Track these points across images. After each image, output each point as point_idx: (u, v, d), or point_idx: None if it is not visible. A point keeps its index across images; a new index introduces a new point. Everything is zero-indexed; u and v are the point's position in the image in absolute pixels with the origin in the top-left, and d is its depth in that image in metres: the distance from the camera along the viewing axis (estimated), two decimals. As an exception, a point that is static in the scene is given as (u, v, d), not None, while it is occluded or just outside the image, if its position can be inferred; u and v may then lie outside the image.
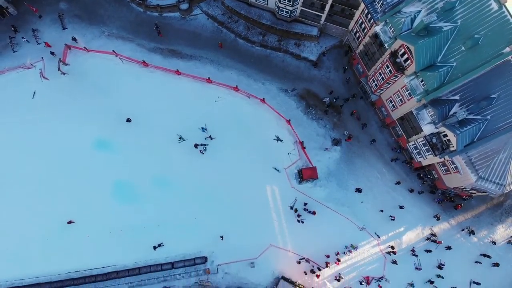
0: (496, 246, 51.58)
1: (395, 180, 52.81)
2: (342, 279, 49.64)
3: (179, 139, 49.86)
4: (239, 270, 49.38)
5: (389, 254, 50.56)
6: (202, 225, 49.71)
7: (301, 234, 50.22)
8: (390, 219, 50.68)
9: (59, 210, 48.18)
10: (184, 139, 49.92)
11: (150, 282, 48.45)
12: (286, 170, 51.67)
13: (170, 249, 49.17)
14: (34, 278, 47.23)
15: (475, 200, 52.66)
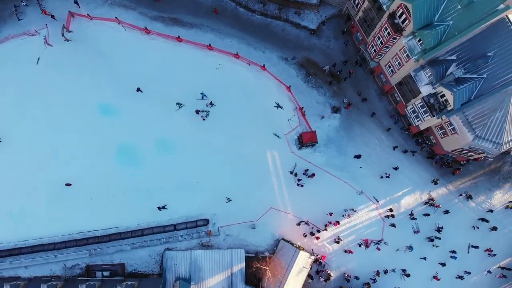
0: (494, 210, 52.02)
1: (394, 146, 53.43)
2: (341, 240, 50.37)
3: (177, 105, 50.54)
4: (240, 232, 50.26)
5: (387, 218, 51.15)
6: (203, 189, 50.55)
7: (301, 197, 51.03)
8: (385, 176, 51.09)
9: (63, 173, 49.13)
10: (182, 105, 50.58)
11: (153, 243, 49.32)
12: (286, 136, 52.46)
13: (172, 212, 50.05)
14: (37, 239, 48.07)
15: (472, 166, 53.28)
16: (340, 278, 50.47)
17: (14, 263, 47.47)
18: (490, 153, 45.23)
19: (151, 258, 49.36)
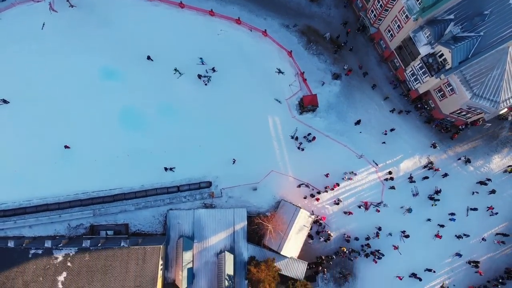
0: (492, 175, 52.76)
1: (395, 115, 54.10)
2: (341, 202, 51.13)
3: (174, 71, 51.32)
4: (242, 194, 51.07)
5: (387, 181, 51.91)
6: (206, 152, 51.40)
7: (301, 161, 51.82)
8: (383, 133, 52.02)
9: (68, 135, 50.00)
10: (178, 71, 51.35)
11: (156, 204, 50.14)
12: (287, 101, 53.29)
13: (175, 174, 50.98)
14: (42, 199, 48.84)
15: (471, 131, 54.03)
16: (340, 238, 51.18)
17: (19, 222, 48.21)
18: (488, 112, 45.97)
19: (155, 219, 50.14)
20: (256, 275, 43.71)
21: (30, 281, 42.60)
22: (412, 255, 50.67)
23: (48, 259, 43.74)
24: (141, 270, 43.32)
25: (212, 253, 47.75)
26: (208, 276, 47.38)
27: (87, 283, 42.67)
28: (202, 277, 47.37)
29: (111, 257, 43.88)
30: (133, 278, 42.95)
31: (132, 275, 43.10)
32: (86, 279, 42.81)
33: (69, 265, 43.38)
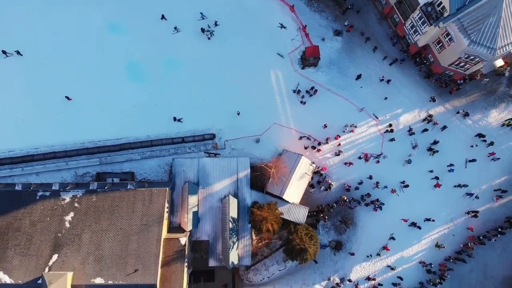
0: (490, 128, 53.90)
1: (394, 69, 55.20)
2: (341, 152, 52.20)
3: (174, 30, 52.50)
4: (245, 146, 52.15)
5: (387, 133, 53.01)
6: (210, 106, 52.52)
7: (303, 114, 52.98)
8: (380, 80, 53.25)
9: (75, 86, 50.98)
10: (179, 30, 52.41)
11: (162, 154, 51.19)
12: (289, 55, 54.39)
13: (180, 126, 51.94)
14: (49, 147, 49.78)
15: (469, 86, 55.22)
16: (340, 188, 52.23)
17: (26, 170, 49.11)
18: (485, 59, 47.16)
19: (160, 168, 51.17)
20: (259, 214, 44.74)
21: (37, 221, 43.49)
22: (411, 205, 51.78)
23: (55, 200, 44.60)
24: (148, 210, 44.28)
25: (217, 198, 48.78)
26: (212, 220, 48.41)
27: (94, 222, 43.58)
28: (207, 221, 48.38)
29: (118, 198, 44.83)
30: (139, 218, 43.88)
31: (138, 215, 44.03)
32: (93, 218, 43.72)
33: (76, 206, 44.31)
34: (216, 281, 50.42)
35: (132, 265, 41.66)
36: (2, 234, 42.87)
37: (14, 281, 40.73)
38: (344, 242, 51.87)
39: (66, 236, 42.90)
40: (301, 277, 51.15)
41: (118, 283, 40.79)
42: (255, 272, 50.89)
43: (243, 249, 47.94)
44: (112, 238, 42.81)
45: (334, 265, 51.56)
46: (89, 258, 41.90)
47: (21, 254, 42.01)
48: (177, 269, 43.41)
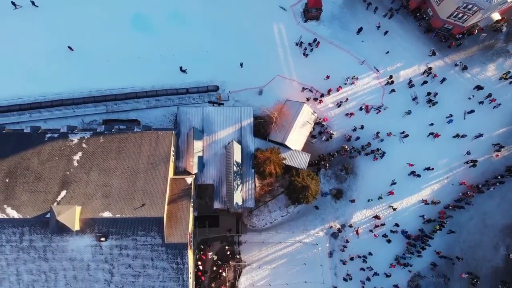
0: (488, 82, 55.01)
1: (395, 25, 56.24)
2: (342, 103, 53.27)
3: None
4: (248, 98, 53.26)
5: (387, 85, 54.08)
6: (213, 58, 53.55)
7: (305, 66, 54.08)
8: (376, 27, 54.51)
9: (82, 36, 51.91)
10: None
11: (167, 103, 52.34)
12: (292, 8, 55.40)
13: (184, 78, 52.90)
14: (57, 94, 50.73)
15: (467, 41, 56.29)
16: (341, 139, 53.32)
17: (34, 116, 50.13)
18: (482, 8, 48.28)
19: (165, 117, 52.25)
20: (262, 155, 45.77)
21: (45, 160, 44.32)
22: (411, 155, 52.69)
23: (63, 141, 45.47)
24: (154, 151, 45.19)
25: (221, 145, 49.80)
26: (217, 165, 49.44)
27: (102, 161, 44.48)
28: (211, 167, 49.43)
29: (125, 139, 45.78)
30: (146, 157, 44.81)
31: (145, 155, 44.95)
32: (101, 158, 44.62)
33: (84, 146, 45.22)
34: (220, 226, 51.43)
35: (140, 200, 42.52)
36: (11, 172, 43.65)
37: (22, 216, 41.46)
38: (345, 190, 52.93)
39: (75, 174, 43.73)
40: (303, 223, 52.22)
41: (126, 216, 41.57)
42: (258, 217, 51.94)
43: (246, 192, 48.96)
44: (119, 176, 43.70)
45: (335, 212, 52.62)
46: (97, 194, 42.77)
47: (29, 191, 42.76)
48: (183, 206, 44.36)
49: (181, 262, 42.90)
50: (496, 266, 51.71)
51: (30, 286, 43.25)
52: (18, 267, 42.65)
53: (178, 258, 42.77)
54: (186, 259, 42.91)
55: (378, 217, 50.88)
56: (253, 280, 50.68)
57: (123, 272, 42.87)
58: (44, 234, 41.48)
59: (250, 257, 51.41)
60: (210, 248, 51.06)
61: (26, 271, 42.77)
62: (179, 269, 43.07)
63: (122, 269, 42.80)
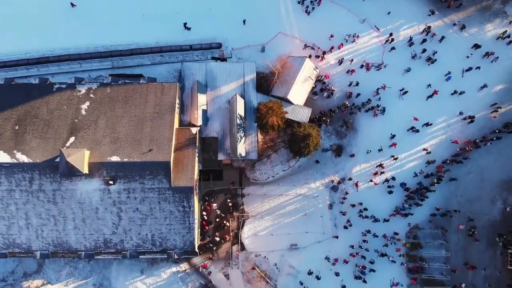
0: (485, 40, 56.03)
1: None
2: (343, 60, 54.35)
3: None
4: (251, 55, 54.46)
5: (387, 42, 55.11)
6: (216, 15, 54.47)
7: (308, 23, 55.11)
8: None
9: (87, -7, 52.69)
10: None
11: (171, 60, 53.51)
12: (294, -34, 56.13)
13: (187, 35, 53.97)
14: (64, 49, 51.74)
15: (466, 1, 57.19)
16: (342, 96, 54.53)
17: (42, 70, 51.35)
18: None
19: (169, 74, 53.41)
20: (265, 107, 46.99)
21: (54, 109, 45.54)
22: (409, 111, 53.85)
23: (71, 91, 46.73)
24: (160, 101, 46.45)
25: (224, 100, 51.02)
26: (220, 119, 50.71)
27: (109, 110, 45.71)
28: (215, 120, 50.72)
29: (131, 90, 47.02)
30: (152, 107, 46.05)
31: (151, 105, 46.20)
32: (108, 107, 45.84)
33: (91, 96, 46.42)
34: (224, 180, 52.83)
35: (147, 146, 43.80)
36: (20, 120, 44.86)
37: (32, 160, 42.68)
38: (345, 146, 54.29)
39: (83, 121, 44.97)
40: (304, 177, 53.59)
41: (134, 160, 42.83)
42: (260, 171, 53.27)
43: (250, 145, 50.26)
44: (126, 124, 44.94)
45: (335, 166, 54.00)
46: (105, 140, 44.02)
47: (38, 137, 44.01)
48: (189, 153, 45.69)
49: (187, 205, 44.23)
50: (493, 219, 53.10)
51: (39, 230, 44.32)
52: (27, 212, 43.73)
53: (185, 202, 44.08)
54: (192, 203, 44.25)
55: (382, 166, 52.06)
56: (256, 230, 52.07)
57: (131, 215, 44.10)
58: (53, 178, 42.66)
59: (253, 209, 52.81)
60: (214, 199, 52.32)
61: (35, 215, 43.86)
62: (185, 212, 44.39)
63: (130, 212, 44.02)
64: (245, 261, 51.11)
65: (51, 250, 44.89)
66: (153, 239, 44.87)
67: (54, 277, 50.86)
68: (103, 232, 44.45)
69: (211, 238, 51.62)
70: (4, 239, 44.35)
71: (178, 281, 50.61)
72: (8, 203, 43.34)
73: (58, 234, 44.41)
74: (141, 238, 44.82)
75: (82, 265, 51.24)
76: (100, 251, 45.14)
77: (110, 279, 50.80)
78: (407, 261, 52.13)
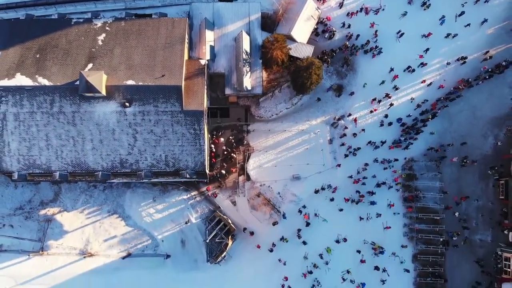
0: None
1: None
2: (343, 2, 57.43)
3: None
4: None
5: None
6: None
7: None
8: None
9: None
10: None
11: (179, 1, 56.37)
12: None
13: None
14: (81, -8, 54.62)
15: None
16: (342, 37, 57.66)
17: (59, 9, 54.07)
18: None
19: (179, 15, 56.16)
20: (269, 42, 50.13)
21: (73, 40, 48.70)
22: (407, 52, 56.94)
23: (88, 25, 49.87)
24: (171, 33, 49.56)
25: (230, 38, 54.16)
26: (227, 56, 53.93)
27: (124, 40, 48.88)
28: (222, 57, 53.98)
29: (144, 24, 50.23)
30: (164, 38, 49.19)
31: (163, 36, 49.31)
32: (123, 38, 49.02)
33: (107, 29, 49.58)
34: (231, 117, 55.98)
35: (160, 72, 47.00)
36: (41, 50, 48.01)
37: (53, 83, 45.83)
38: (345, 85, 57.42)
39: (100, 50, 48.16)
40: (306, 115, 56.78)
41: (148, 84, 46.01)
42: (265, 109, 56.41)
43: (255, 80, 53.49)
44: (140, 53, 48.14)
45: (335, 104, 57.16)
46: (120, 66, 47.21)
47: (58, 64, 47.19)
48: (198, 82, 48.95)
49: (198, 128, 47.45)
50: (485, 153, 56.24)
51: (59, 151, 47.44)
52: (48, 133, 46.82)
53: (196, 125, 47.29)
54: (203, 126, 47.47)
55: (389, 96, 55.20)
56: (260, 163, 55.24)
57: (146, 136, 47.28)
58: (73, 100, 45.89)
59: (258, 143, 55.96)
60: (221, 134, 55.44)
61: (55, 136, 46.97)
62: (196, 134, 47.59)
63: (145, 134, 47.19)
64: (251, 190, 54.19)
65: (69, 170, 47.83)
66: (167, 160, 47.94)
67: (70, 205, 53.66)
68: (119, 152, 47.49)
69: (219, 170, 54.69)
70: (25, 160, 47.29)
71: (188, 207, 53.67)
72: (30, 125, 46.32)
73: (76, 154, 47.38)
74: (155, 159, 47.88)
75: (97, 193, 54.06)
76: (117, 171, 48.08)
77: (124, 206, 53.73)
78: (403, 191, 55.11)
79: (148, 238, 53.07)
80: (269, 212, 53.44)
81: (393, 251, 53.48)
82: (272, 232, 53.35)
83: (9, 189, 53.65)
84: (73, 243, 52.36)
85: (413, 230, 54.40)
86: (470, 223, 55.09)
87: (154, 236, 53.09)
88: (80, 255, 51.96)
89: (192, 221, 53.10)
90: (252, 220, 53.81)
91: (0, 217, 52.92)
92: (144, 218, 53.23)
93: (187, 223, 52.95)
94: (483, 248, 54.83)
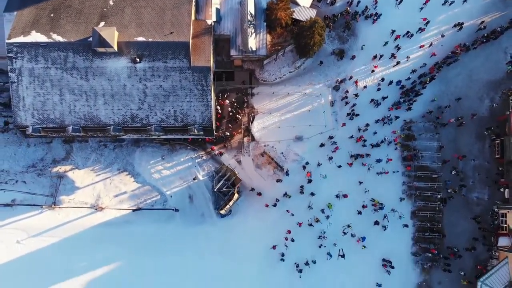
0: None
1: None
2: (345, -30, 59.49)
3: None
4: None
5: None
6: None
7: None
8: None
9: None
10: None
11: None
12: None
13: None
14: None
15: None
16: (344, 3, 59.71)
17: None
18: None
19: (185, -18, 58.09)
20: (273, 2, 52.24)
21: (85, 0, 50.70)
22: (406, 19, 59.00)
23: (99, -13, 51.69)
24: (179, -5, 51.48)
25: (236, 1, 56.14)
26: (232, 19, 55.98)
27: (134, 1, 50.86)
28: (228, 20, 56.01)
29: (153, -13, 52.02)
30: (171, 0, 51.17)
31: (171, -2, 51.25)
32: None
33: (117, -9, 51.46)
34: (236, 80, 58.08)
35: (168, 29, 48.91)
36: (55, 9, 49.89)
37: (67, 39, 47.85)
38: (347, 50, 59.45)
39: (111, 10, 50.12)
40: (308, 78, 58.84)
41: (157, 40, 48.05)
42: (268, 73, 58.47)
43: (259, 42, 55.51)
44: (150, 12, 50.08)
45: (337, 68, 59.19)
46: (131, 24, 49.18)
47: (72, 22, 49.09)
48: (205, 40, 50.91)
49: (205, 84, 49.44)
50: (482, 115, 58.29)
51: (72, 105, 49.40)
52: (62, 88, 48.74)
53: (203, 81, 49.29)
54: (209, 82, 49.45)
55: (394, 56, 57.38)
56: (265, 124, 57.30)
57: (155, 92, 49.27)
58: (86, 56, 47.87)
59: (262, 106, 58.02)
60: (227, 97, 57.51)
61: (69, 91, 48.92)
62: (203, 90, 49.59)
63: (154, 89, 49.19)
64: (255, 149, 56.25)
65: (82, 124, 49.76)
66: (175, 115, 49.95)
67: (81, 163, 55.70)
68: (130, 107, 49.51)
69: (224, 131, 56.76)
70: (39, 114, 49.23)
71: (195, 165, 55.74)
72: (44, 80, 48.27)
73: (89, 109, 49.38)
74: (165, 114, 49.89)
75: (108, 152, 56.13)
76: (127, 126, 50.10)
77: (133, 164, 55.79)
78: (402, 150, 57.18)
79: (157, 194, 55.05)
80: (273, 169, 55.38)
81: (392, 207, 55.35)
82: (276, 189, 55.33)
83: (21, 148, 55.52)
84: (84, 198, 54.30)
85: (412, 187, 56.24)
86: (467, 182, 56.90)
87: (162, 191, 55.08)
88: (91, 209, 53.69)
89: (200, 178, 55.08)
90: (256, 178, 55.74)
91: (13, 174, 54.76)
92: (153, 175, 55.20)
93: (194, 180, 54.86)
94: (480, 206, 56.73)
